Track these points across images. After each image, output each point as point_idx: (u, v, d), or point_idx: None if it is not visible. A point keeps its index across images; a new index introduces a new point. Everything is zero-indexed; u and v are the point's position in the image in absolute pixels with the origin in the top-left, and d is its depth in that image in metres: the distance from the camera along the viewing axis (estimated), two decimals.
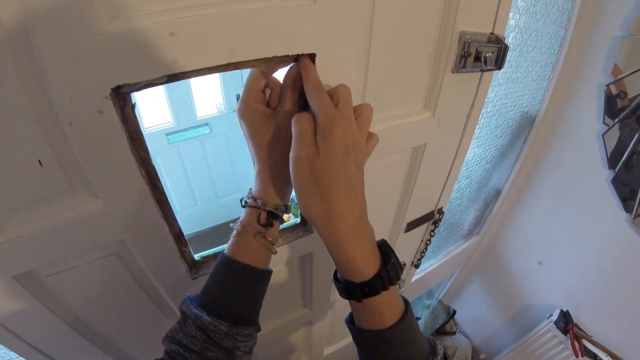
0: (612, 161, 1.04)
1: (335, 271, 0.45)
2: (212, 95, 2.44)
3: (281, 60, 0.46)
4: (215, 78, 2.32)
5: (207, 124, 2.44)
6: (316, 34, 0.45)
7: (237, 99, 2.30)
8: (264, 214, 0.47)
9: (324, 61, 0.48)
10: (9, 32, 0.32)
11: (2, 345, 0.60)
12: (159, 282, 0.61)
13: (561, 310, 1.42)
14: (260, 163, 0.48)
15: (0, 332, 0.55)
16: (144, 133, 0.47)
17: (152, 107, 2.20)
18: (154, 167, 0.48)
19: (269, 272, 0.50)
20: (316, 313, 1.05)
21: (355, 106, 0.43)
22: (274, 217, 0.48)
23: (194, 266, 0.63)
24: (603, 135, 1.02)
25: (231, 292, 0.46)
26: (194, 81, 2.24)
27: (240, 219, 0.48)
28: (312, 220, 0.40)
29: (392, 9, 0.49)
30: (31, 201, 0.44)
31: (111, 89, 0.39)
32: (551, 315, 1.45)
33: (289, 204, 0.51)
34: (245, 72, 0.48)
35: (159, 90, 2.16)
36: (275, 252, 0.50)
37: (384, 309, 0.40)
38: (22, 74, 0.35)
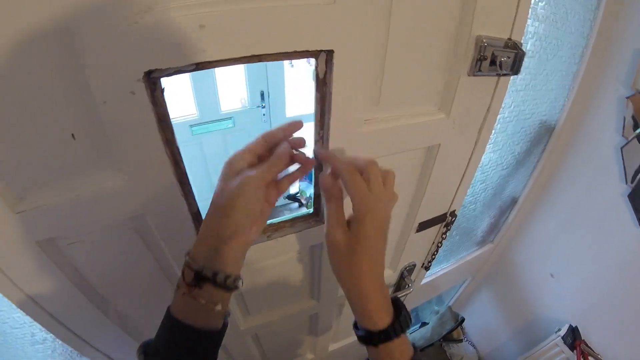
0: (629, 175, 1.02)
1: (355, 321, 0.49)
2: (236, 90, 2.49)
3: (300, 55, 0.49)
4: (240, 73, 2.38)
5: (230, 118, 2.50)
6: (335, 31, 0.48)
7: (262, 95, 2.34)
8: (189, 272, 0.43)
9: (342, 58, 0.51)
10: (56, 22, 0.36)
11: (20, 310, 0.63)
12: (173, 258, 0.65)
13: (570, 326, 1.40)
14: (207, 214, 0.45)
15: (19, 296, 0.60)
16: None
17: (177, 98, 2.26)
18: (177, 148, 0.52)
19: (212, 334, 0.45)
20: (323, 306, 1.08)
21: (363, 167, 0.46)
22: (203, 279, 0.42)
23: None
24: (622, 148, 1.00)
25: (169, 351, 0.44)
26: (220, 75, 2.30)
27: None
28: (339, 281, 0.47)
29: (409, 11, 0.51)
30: (61, 172, 0.49)
31: (144, 72, 0.42)
32: (559, 329, 1.43)
33: (227, 273, 0.43)
34: (270, 68, 0.52)
35: (185, 82, 2.23)
36: (223, 312, 0.45)
37: (396, 353, 0.45)
38: (64, 55, 0.39)
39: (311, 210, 0.74)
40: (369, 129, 0.62)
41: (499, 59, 0.60)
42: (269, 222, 0.70)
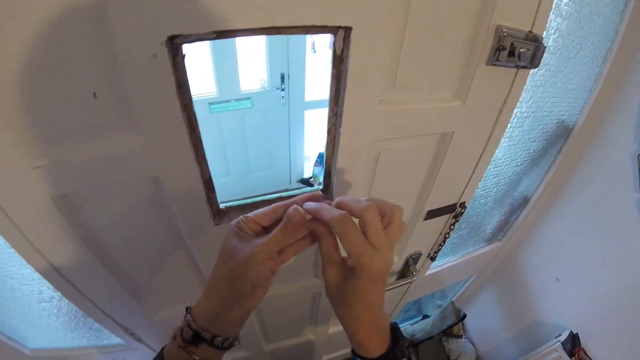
0: None
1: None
2: (257, 70, 2.51)
3: (319, 30, 0.50)
4: (261, 54, 2.39)
5: (249, 98, 2.52)
6: (354, 8, 0.48)
7: (282, 77, 2.35)
8: (188, 330, 0.44)
9: (360, 36, 0.51)
10: None
11: (29, 266, 0.66)
12: (183, 222, 0.67)
13: (570, 332, 1.39)
14: (210, 280, 0.46)
15: (30, 252, 0.63)
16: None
17: (198, 75, 2.28)
18: (194, 113, 0.53)
19: None
20: None
21: (386, 208, 0.43)
22: (201, 340, 0.43)
23: (218, 214, 0.69)
24: (638, 155, 0.98)
25: None
26: (241, 55, 2.31)
27: (177, 325, 0.46)
28: (334, 311, 0.46)
29: None
30: (80, 129, 0.51)
31: (167, 37, 0.44)
32: (560, 335, 1.42)
33: (225, 337, 0.45)
34: (292, 50, 0.53)
35: (206, 60, 2.25)
36: None
37: None
38: (91, 17, 0.41)
39: (321, 186, 0.76)
40: (383, 109, 0.63)
41: (518, 50, 0.59)
42: (276, 195, 0.72)
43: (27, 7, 0.38)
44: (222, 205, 0.68)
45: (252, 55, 2.47)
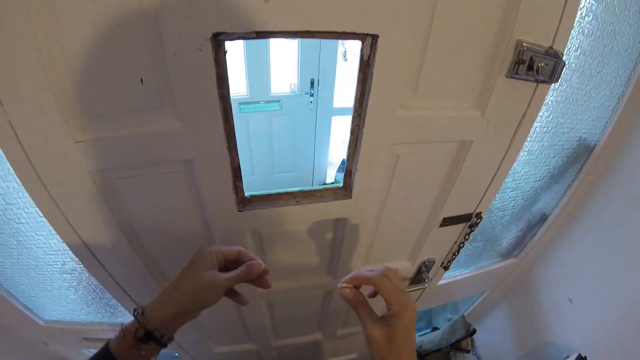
0: None
1: None
2: (287, 75, 2.58)
3: (349, 36, 0.55)
4: (293, 59, 2.46)
5: (278, 101, 2.59)
6: (381, 18, 0.53)
7: (311, 83, 2.41)
8: (141, 330, 0.52)
9: (385, 44, 0.56)
10: None
11: (57, 236, 0.72)
12: (209, 206, 0.73)
13: (579, 355, 1.35)
14: (172, 288, 0.55)
15: (60, 222, 0.68)
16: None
17: (231, 75, 2.36)
18: (230, 105, 0.59)
19: None
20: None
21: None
22: (152, 338, 0.52)
23: (242, 201, 0.74)
24: None
25: None
26: (273, 58, 2.39)
27: (125, 325, 0.54)
28: None
29: (453, 8, 0.56)
30: (124, 110, 0.56)
31: (212, 34, 0.50)
32: (567, 357, 1.39)
33: (169, 336, 0.55)
34: (324, 57, 0.57)
35: (239, 62, 2.33)
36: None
37: None
38: (144, 11, 0.47)
39: (340, 184, 0.80)
40: (404, 114, 0.66)
41: (537, 65, 0.62)
42: (299, 188, 0.77)
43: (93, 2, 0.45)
44: (247, 194, 0.73)
45: (284, 60, 2.54)
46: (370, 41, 0.56)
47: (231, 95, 0.58)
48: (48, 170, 0.59)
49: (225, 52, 0.54)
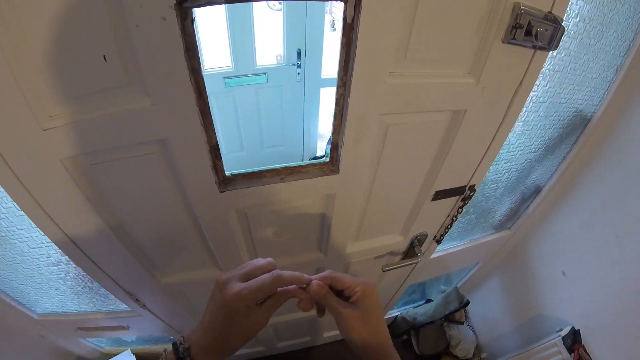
0: None
1: None
2: (273, 46, 2.48)
3: None
4: (278, 29, 2.36)
5: (264, 73, 2.50)
6: None
7: (298, 54, 2.31)
8: None
9: (370, 4, 0.50)
10: None
11: (38, 229, 0.69)
12: (189, 188, 0.69)
13: (572, 328, 1.37)
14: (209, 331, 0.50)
15: (38, 214, 0.65)
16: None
17: (213, 48, 2.26)
18: (202, 78, 0.53)
19: None
20: (330, 261, 1.11)
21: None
22: None
23: (224, 181, 0.70)
24: None
25: None
26: (258, 29, 2.29)
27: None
28: (360, 349, 0.52)
29: None
30: (90, 91, 0.52)
31: (176, 0, 0.44)
32: (561, 329, 1.40)
33: None
34: (310, 26, 0.52)
35: (223, 34, 2.23)
36: None
37: None
38: None
39: (327, 159, 0.75)
40: (394, 82, 0.62)
41: (535, 29, 0.57)
42: (283, 165, 0.73)
43: None
44: (228, 173, 0.69)
45: (269, 30, 2.44)
46: (354, 2, 0.50)
47: (216, 68, 0.53)
48: (19, 162, 0.56)
49: (192, 20, 0.48)
